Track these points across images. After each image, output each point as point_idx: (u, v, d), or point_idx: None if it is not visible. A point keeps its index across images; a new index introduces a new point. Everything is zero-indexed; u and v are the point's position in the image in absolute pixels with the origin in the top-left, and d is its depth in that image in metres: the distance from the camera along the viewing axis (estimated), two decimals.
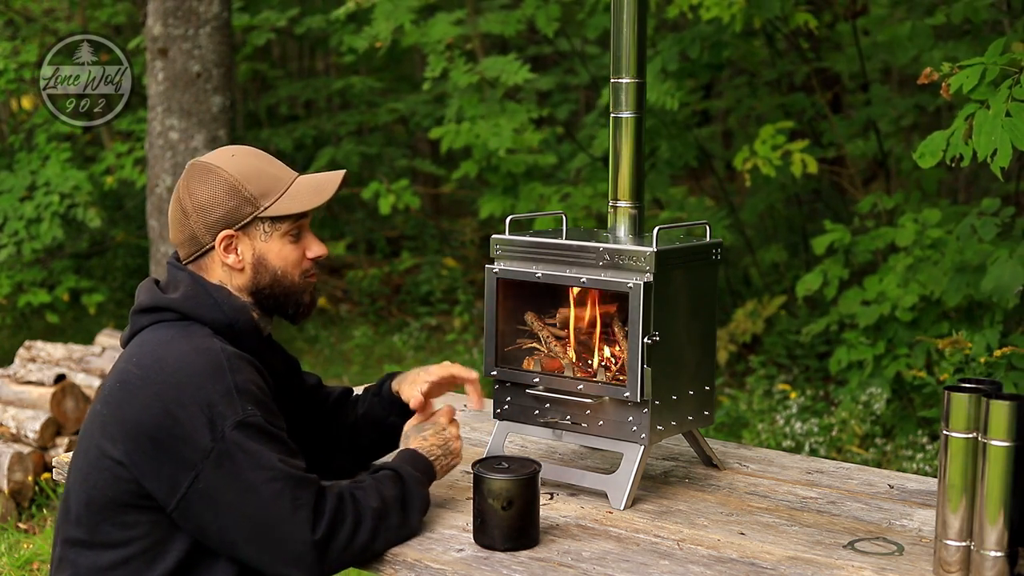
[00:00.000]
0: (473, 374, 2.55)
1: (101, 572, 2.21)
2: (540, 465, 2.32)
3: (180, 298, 2.27)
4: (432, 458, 2.40)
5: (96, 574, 2.21)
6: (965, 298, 4.83)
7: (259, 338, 2.34)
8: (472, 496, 2.30)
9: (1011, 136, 3.25)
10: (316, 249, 2.39)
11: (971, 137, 3.33)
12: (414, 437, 2.45)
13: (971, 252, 4.68)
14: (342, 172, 2.41)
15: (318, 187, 2.37)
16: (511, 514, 2.24)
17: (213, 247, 2.32)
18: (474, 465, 2.31)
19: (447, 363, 2.58)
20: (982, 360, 4.31)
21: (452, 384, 2.59)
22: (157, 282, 2.36)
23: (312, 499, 2.14)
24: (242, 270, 2.33)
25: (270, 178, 2.34)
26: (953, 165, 3.41)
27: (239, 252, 2.32)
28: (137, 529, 2.19)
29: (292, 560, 2.13)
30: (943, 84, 3.46)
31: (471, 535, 2.29)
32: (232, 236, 2.32)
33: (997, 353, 4.34)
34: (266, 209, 2.31)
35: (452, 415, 2.51)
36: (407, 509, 2.28)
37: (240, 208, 2.31)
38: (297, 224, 2.35)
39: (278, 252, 2.34)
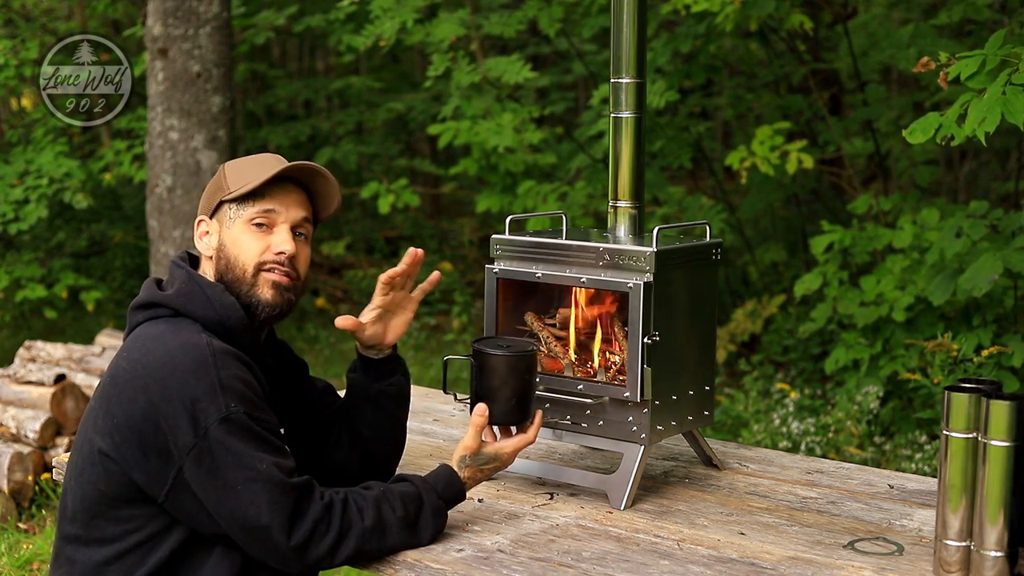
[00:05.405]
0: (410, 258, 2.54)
1: (97, 568, 2.21)
2: (537, 347, 2.46)
3: (173, 294, 2.28)
4: (468, 484, 2.33)
5: (92, 570, 2.22)
6: (952, 296, 4.83)
7: (252, 336, 2.30)
8: (471, 374, 2.37)
9: (1003, 109, 3.24)
10: (278, 244, 2.31)
11: (965, 122, 3.32)
12: (467, 465, 2.34)
13: (953, 253, 4.68)
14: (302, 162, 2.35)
15: (268, 165, 2.32)
16: (512, 388, 2.34)
17: None
18: (473, 343, 2.39)
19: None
20: (976, 361, 4.31)
21: (394, 284, 2.56)
22: (160, 280, 2.37)
23: (291, 504, 2.11)
24: (211, 258, 2.34)
25: (251, 169, 2.33)
26: (942, 144, 3.40)
27: (209, 239, 2.35)
28: (130, 524, 2.20)
29: (277, 559, 2.14)
30: (941, 73, 3.46)
31: (471, 535, 2.29)
32: (203, 221, 2.36)
33: (984, 353, 4.34)
34: (229, 193, 2.31)
35: (517, 449, 2.39)
36: (416, 530, 2.23)
37: (215, 195, 2.35)
38: (265, 215, 2.31)
39: (235, 239, 2.31)
